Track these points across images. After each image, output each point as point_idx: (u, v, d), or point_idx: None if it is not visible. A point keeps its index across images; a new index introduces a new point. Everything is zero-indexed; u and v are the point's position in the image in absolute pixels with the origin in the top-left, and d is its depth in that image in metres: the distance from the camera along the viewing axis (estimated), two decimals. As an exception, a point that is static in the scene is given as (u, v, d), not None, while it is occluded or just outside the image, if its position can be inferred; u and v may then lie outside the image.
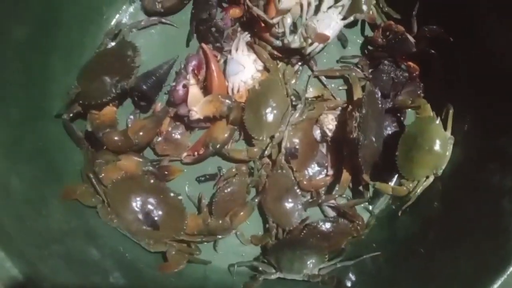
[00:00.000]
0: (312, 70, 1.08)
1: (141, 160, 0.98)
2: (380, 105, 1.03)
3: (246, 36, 1.07)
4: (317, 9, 1.05)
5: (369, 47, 1.10)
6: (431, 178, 0.94)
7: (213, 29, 1.05)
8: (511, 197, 0.80)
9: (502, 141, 0.87)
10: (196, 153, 1.03)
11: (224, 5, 1.08)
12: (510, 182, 0.81)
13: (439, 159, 0.92)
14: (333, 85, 1.09)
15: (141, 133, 0.96)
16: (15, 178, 0.82)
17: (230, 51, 1.06)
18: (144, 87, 1.01)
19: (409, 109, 1.05)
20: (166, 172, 1.02)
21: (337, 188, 1.03)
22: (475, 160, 0.92)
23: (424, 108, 0.95)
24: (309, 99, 1.07)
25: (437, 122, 0.93)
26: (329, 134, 1.05)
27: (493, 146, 0.89)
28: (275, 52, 1.05)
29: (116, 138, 0.94)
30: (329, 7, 1.04)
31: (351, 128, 0.97)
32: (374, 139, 0.97)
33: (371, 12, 1.05)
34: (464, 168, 0.93)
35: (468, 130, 0.95)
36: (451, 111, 0.93)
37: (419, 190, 0.94)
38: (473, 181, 0.90)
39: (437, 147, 0.91)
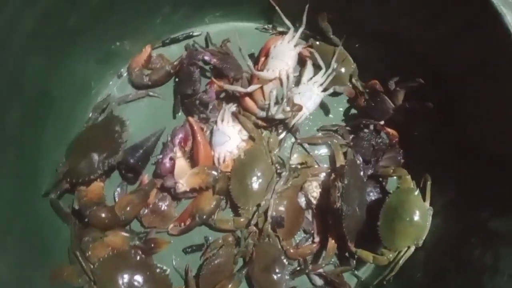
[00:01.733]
0: (296, 138, 1.15)
1: (127, 235, 1.01)
2: (361, 173, 1.09)
3: (231, 107, 1.14)
4: (298, 81, 1.14)
5: (351, 114, 1.18)
6: (412, 249, 0.98)
7: (198, 102, 1.11)
8: (492, 274, 0.84)
9: (483, 215, 0.91)
10: (182, 223, 1.07)
11: (208, 73, 1.14)
12: (490, 259, 0.85)
13: (420, 230, 0.97)
14: (316, 152, 1.16)
15: (128, 209, 1.00)
16: (2, 266, 0.84)
17: (215, 122, 1.12)
18: (132, 160, 1.06)
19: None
20: (153, 245, 1.05)
21: (324, 255, 1.07)
22: (457, 232, 0.96)
23: (404, 179, 1.01)
24: (294, 166, 1.12)
25: (416, 193, 0.98)
26: (314, 201, 1.09)
27: (473, 219, 0.93)
28: (259, 122, 1.12)
29: (103, 215, 0.98)
30: (309, 79, 1.13)
31: (334, 198, 1.02)
32: (357, 208, 1.02)
33: (350, 85, 1.14)
34: (445, 240, 0.97)
35: (449, 201, 1.00)
36: (429, 182, 0.99)
37: (401, 261, 0.98)
38: (454, 253, 0.94)
39: (417, 218, 0.96)
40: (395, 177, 1.09)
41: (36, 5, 0.89)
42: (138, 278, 0.96)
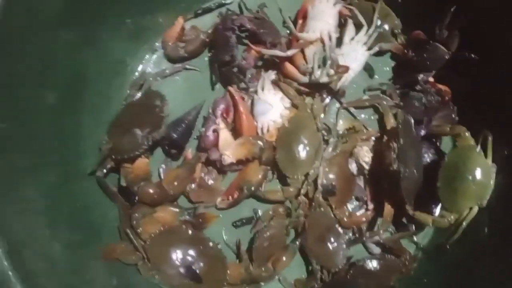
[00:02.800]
0: (341, 102, 1.12)
1: (177, 210, 1.01)
2: (415, 133, 1.05)
3: (271, 75, 1.11)
4: (340, 42, 1.09)
5: (398, 72, 1.13)
6: (475, 209, 0.94)
7: (236, 70, 1.09)
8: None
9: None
10: (230, 197, 1.06)
11: (244, 40, 1.10)
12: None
13: (483, 189, 0.93)
14: (363, 116, 1.12)
15: (175, 183, 1.00)
16: (57, 245, 0.86)
17: (256, 91, 1.10)
18: (175, 135, 1.05)
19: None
20: (202, 220, 1.04)
21: (379, 223, 1.04)
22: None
23: (463, 136, 0.97)
24: (341, 132, 1.10)
25: (478, 150, 0.94)
26: (366, 166, 1.06)
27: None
28: (302, 88, 1.09)
29: (151, 191, 0.98)
30: (352, 39, 1.09)
31: (390, 160, 0.99)
32: (415, 169, 0.98)
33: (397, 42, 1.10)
34: (509, 197, 0.93)
35: (510, 155, 0.95)
36: (490, 138, 0.94)
37: (464, 223, 0.94)
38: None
39: (480, 176, 0.92)
40: (450, 139, 1.07)
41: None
42: (192, 253, 0.96)
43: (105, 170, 0.99)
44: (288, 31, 1.10)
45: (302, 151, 1.04)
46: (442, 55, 1.02)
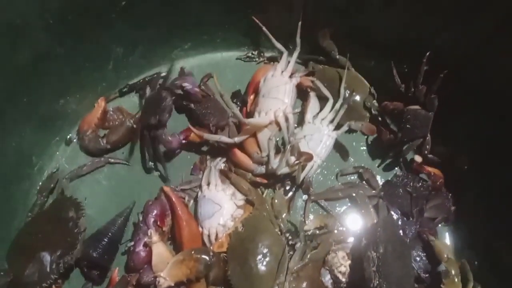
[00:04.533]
0: (308, 195, 1.16)
1: None
2: (400, 233, 1.10)
3: (218, 164, 1.16)
4: (303, 120, 1.18)
5: (378, 151, 1.21)
6: None
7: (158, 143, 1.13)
8: None
9: None
10: (171, 331, 1.06)
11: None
12: None
13: None
14: (337, 210, 1.17)
15: (97, 322, 1.01)
16: None
17: (200, 187, 1.14)
18: (95, 254, 1.07)
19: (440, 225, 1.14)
20: None
21: None
22: None
23: (451, 278, 1.01)
24: (310, 232, 1.13)
25: None
26: (343, 279, 1.08)
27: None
28: (258, 179, 1.14)
29: (65, 336, 0.98)
30: (315, 116, 1.17)
31: (369, 274, 1.00)
32: (402, 285, 1.01)
33: (368, 116, 1.19)
34: None
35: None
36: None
37: None
38: None
39: None
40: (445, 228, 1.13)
41: None
42: None
43: (2, 312, 1.00)
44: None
45: (261, 264, 1.06)
46: (426, 115, 1.11)
